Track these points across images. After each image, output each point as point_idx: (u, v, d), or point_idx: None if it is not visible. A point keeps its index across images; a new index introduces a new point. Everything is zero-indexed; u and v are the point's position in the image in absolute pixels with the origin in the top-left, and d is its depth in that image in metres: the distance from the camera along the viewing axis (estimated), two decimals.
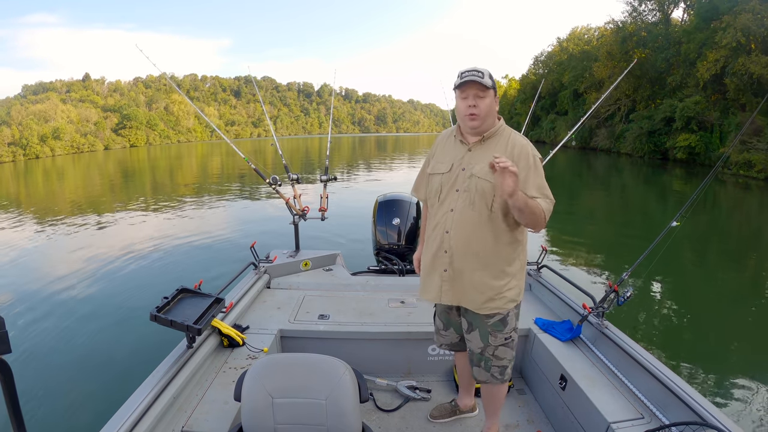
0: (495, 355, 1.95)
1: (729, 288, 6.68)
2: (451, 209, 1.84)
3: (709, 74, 22.94)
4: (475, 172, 1.80)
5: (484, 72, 1.76)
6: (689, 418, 1.72)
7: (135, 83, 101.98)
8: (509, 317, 1.91)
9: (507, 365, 1.98)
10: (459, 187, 1.83)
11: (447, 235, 1.85)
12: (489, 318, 1.89)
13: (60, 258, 7.98)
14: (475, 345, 1.97)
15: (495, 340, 1.92)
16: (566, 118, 40.43)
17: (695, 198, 2.54)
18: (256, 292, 3.04)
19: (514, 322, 1.94)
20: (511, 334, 1.94)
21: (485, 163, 1.77)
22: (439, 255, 1.89)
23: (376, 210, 3.96)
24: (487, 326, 1.91)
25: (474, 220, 1.80)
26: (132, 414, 1.66)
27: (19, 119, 55.09)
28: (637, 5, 31.73)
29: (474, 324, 1.95)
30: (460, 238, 1.82)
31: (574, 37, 48.67)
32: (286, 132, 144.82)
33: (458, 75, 1.81)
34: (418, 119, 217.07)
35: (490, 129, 1.84)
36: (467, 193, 1.81)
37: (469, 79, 1.74)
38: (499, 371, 1.97)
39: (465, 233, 1.81)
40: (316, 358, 1.45)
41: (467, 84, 1.76)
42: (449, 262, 1.87)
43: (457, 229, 1.82)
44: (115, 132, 73.78)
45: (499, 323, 1.90)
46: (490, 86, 1.77)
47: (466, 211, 1.81)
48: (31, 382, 3.88)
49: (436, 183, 1.91)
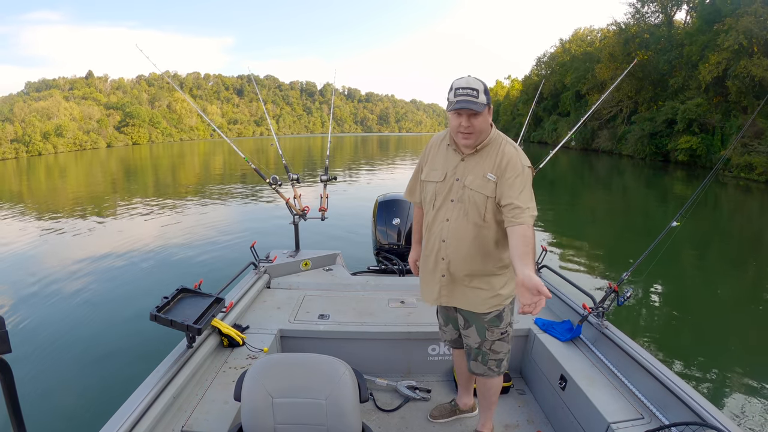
0: (492, 350, 2.00)
1: (729, 289, 6.68)
2: (447, 219, 1.88)
3: (711, 76, 22.86)
4: (468, 183, 1.82)
5: (478, 89, 1.71)
6: (689, 418, 1.72)
7: (138, 81, 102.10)
8: (504, 312, 1.96)
9: (503, 358, 2.04)
10: (453, 197, 1.86)
11: (443, 243, 1.89)
12: (485, 315, 1.94)
13: (60, 257, 7.98)
14: (472, 340, 2.02)
15: (492, 335, 1.97)
16: (568, 120, 40.41)
17: (695, 198, 2.54)
18: (256, 292, 3.04)
19: (509, 316, 2.00)
20: (506, 329, 2.00)
21: (478, 174, 1.80)
22: (437, 261, 1.94)
23: (376, 210, 3.96)
24: (484, 322, 1.96)
25: (469, 229, 1.83)
26: (132, 414, 1.66)
27: (21, 116, 55.15)
28: (640, 7, 31.64)
29: (470, 320, 1.99)
30: (456, 246, 1.87)
31: (577, 39, 48.58)
32: (288, 131, 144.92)
33: (452, 89, 1.75)
34: (420, 119, 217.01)
35: (483, 141, 1.83)
36: (461, 203, 1.83)
37: (463, 106, 1.70)
38: (496, 364, 2.03)
39: (460, 242, 1.85)
40: (316, 358, 1.45)
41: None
42: (446, 268, 1.91)
43: (453, 238, 1.87)
44: (117, 129, 73.91)
45: (495, 319, 1.95)
46: (485, 104, 1.74)
47: (460, 221, 1.84)
48: (31, 382, 3.88)
49: (431, 191, 1.93)
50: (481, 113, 1.73)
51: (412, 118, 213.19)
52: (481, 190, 1.79)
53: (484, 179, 1.79)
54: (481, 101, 1.71)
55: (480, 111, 1.71)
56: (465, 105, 1.69)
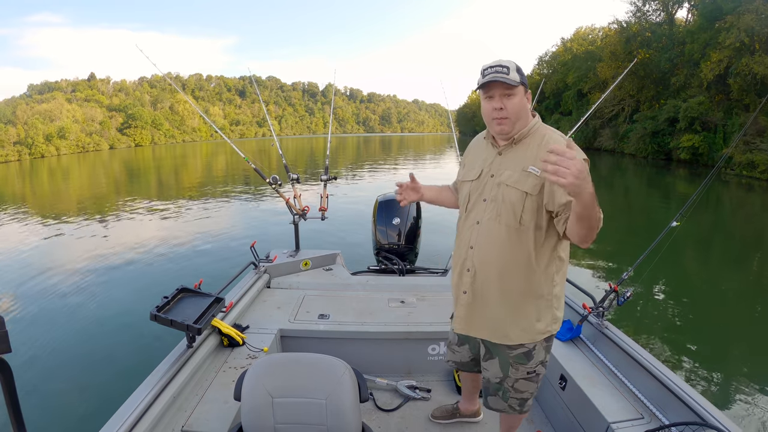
0: (514, 388, 1.71)
1: (730, 288, 6.66)
2: (477, 221, 1.62)
3: (713, 75, 22.81)
4: (503, 179, 1.56)
5: (509, 66, 1.50)
6: (689, 418, 1.71)
7: (140, 83, 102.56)
8: (536, 350, 1.64)
9: (528, 398, 1.74)
10: (486, 196, 1.60)
11: (471, 250, 1.63)
12: (512, 349, 1.65)
13: (61, 257, 8.01)
14: (492, 374, 1.74)
15: (516, 373, 1.67)
16: (570, 119, 40.33)
17: (695, 198, 2.53)
18: (256, 291, 3.05)
19: (542, 355, 1.67)
20: (536, 368, 1.67)
21: (515, 169, 1.55)
22: (462, 274, 1.68)
23: (376, 210, 3.96)
24: (509, 357, 1.66)
25: (500, 235, 1.55)
26: (132, 413, 1.67)
27: (24, 118, 55.49)
28: (641, 5, 31.56)
29: (493, 352, 1.72)
30: (483, 255, 1.60)
31: (579, 38, 48.43)
32: (290, 132, 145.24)
33: (481, 72, 1.54)
34: (422, 119, 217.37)
35: (521, 131, 1.57)
36: (494, 203, 1.57)
37: (491, 79, 1.48)
38: (518, 403, 1.74)
39: (489, 250, 1.59)
40: (316, 358, 1.45)
41: (491, 83, 1.50)
42: (470, 282, 1.64)
43: (482, 244, 1.60)
44: (120, 131, 74.29)
45: (522, 356, 1.65)
46: (519, 81, 1.49)
47: (491, 224, 1.58)
48: (31, 382, 3.89)
49: (465, 192, 1.70)
50: (515, 92, 1.50)
51: (415, 118, 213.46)
52: (518, 186, 1.51)
53: (524, 173, 1.52)
54: (513, 78, 1.48)
55: (513, 86, 1.49)
56: (494, 77, 1.48)
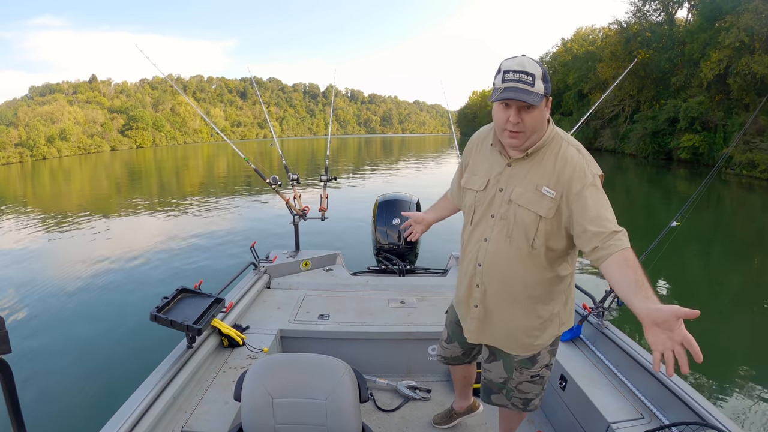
0: (518, 389, 1.68)
1: (730, 288, 6.64)
2: (485, 238, 1.52)
3: (713, 74, 22.78)
4: (514, 197, 1.44)
5: (535, 74, 1.29)
6: (689, 418, 1.71)
7: (141, 85, 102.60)
8: (540, 355, 1.62)
9: (532, 398, 1.70)
10: (495, 212, 1.49)
11: (479, 268, 1.55)
12: (517, 354, 1.64)
13: (61, 258, 8.02)
14: (495, 375, 1.71)
15: (520, 376, 1.65)
16: (571, 119, 40.31)
17: (696, 198, 2.53)
18: (256, 292, 3.05)
19: (547, 358, 1.63)
20: (540, 371, 1.64)
21: (527, 187, 1.41)
22: (471, 288, 1.62)
23: (376, 210, 3.96)
24: (513, 361, 1.64)
25: (511, 256, 1.47)
26: (132, 414, 1.67)
27: (26, 120, 55.55)
28: (641, 5, 31.55)
29: (497, 355, 1.69)
30: (493, 274, 1.53)
31: (579, 38, 48.42)
32: (292, 133, 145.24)
33: (499, 72, 1.33)
34: (424, 120, 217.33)
35: (536, 143, 1.41)
36: (504, 221, 1.47)
37: (512, 96, 1.28)
38: (522, 402, 1.71)
39: (499, 270, 1.51)
40: (316, 358, 1.45)
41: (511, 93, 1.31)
42: (481, 298, 1.59)
43: (491, 264, 1.52)
44: (121, 133, 74.36)
45: (527, 361, 1.62)
46: (543, 94, 1.31)
47: (501, 244, 1.48)
48: (31, 382, 3.89)
49: (470, 201, 1.59)
50: (536, 107, 1.32)
51: (416, 119, 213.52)
52: (531, 207, 1.40)
53: (537, 193, 1.39)
54: (538, 90, 1.29)
55: (535, 104, 1.30)
56: (515, 95, 1.28)
